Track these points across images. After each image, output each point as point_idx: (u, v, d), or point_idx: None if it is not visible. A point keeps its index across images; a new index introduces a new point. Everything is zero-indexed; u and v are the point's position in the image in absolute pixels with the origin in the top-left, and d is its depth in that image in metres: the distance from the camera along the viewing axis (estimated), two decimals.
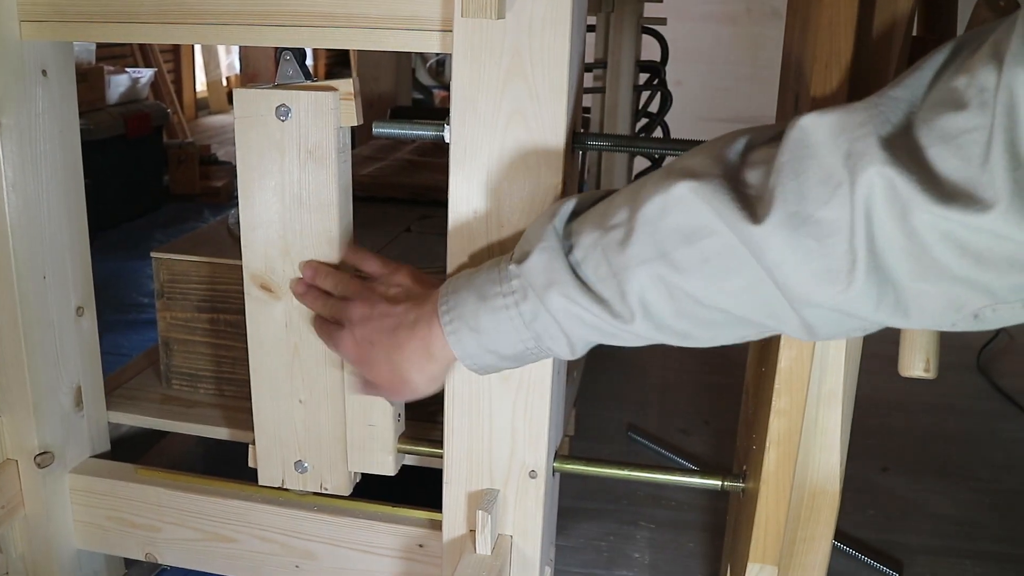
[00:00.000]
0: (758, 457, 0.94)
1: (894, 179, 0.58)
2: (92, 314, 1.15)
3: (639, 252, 0.72)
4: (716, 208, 0.67)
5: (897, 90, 0.63)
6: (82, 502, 1.16)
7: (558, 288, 0.76)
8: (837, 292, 0.63)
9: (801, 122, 0.64)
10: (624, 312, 0.73)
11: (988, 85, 0.55)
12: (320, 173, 0.93)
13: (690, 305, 0.71)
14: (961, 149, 0.56)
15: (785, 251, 0.64)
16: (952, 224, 0.57)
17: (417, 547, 1.08)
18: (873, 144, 0.60)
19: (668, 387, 2.09)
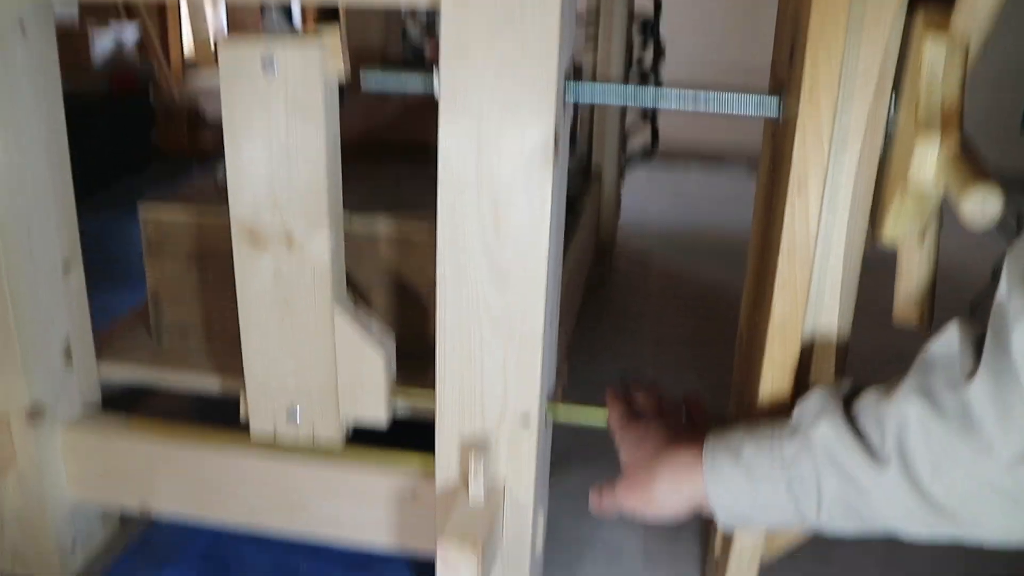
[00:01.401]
0: (752, 406, 0.94)
1: None
2: (79, 269, 1.14)
3: (904, 390, 0.73)
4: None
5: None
6: (75, 456, 1.16)
7: (827, 419, 0.77)
8: None
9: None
10: (882, 455, 0.73)
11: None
12: (307, 126, 0.92)
13: (947, 461, 0.70)
14: None
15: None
16: None
17: (410, 494, 1.08)
18: None
19: (661, 339, 2.09)
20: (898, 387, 0.74)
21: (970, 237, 2.57)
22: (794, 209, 0.83)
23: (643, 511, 0.87)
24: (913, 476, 0.71)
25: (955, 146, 0.74)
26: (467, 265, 0.91)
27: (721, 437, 0.84)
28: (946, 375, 0.71)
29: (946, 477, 0.70)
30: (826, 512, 0.77)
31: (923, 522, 0.73)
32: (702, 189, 3.49)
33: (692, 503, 0.85)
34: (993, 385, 0.65)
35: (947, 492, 0.70)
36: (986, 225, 0.70)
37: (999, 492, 0.68)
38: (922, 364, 0.74)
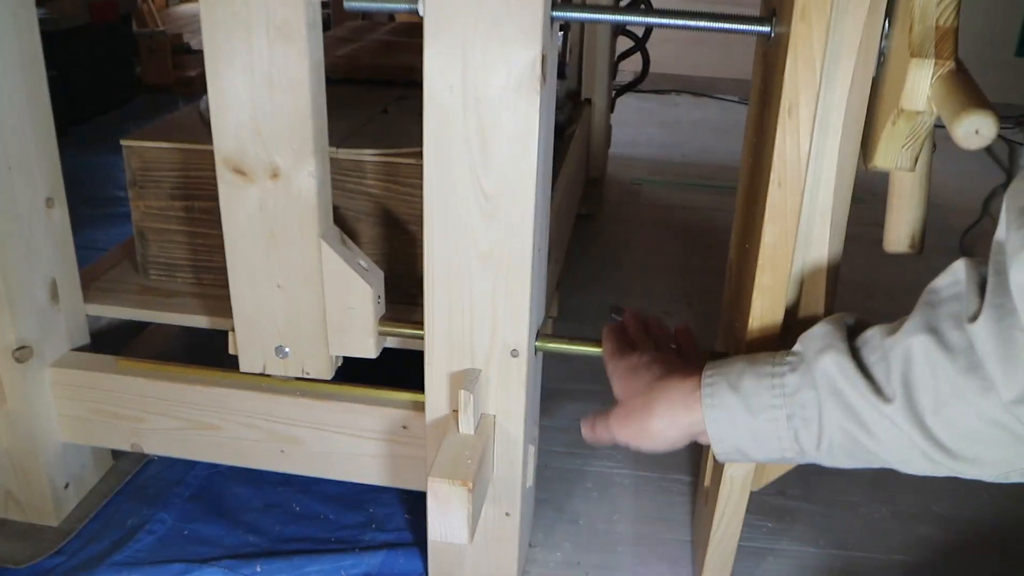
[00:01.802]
0: (741, 334, 0.94)
1: None
2: (63, 206, 1.13)
3: (910, 326, 0.72)
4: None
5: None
6: (64, 396, 1.16)
7: (832, 354, 0.75)
8: None
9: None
10: (887, 391, 0.72)
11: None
12: (290, 51, 0.90)
13: (952, 397, 0.69)
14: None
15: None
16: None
17: (401, 428, 1.08)
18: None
19: (651, 270, 2.09)
20: (904, 323, 0.73)
21: (961, 165, 2.57)
22: (785, 132, 0.82)
23: (638, 443, 0.87)
24: (916, 412, 0.70)
25: (949, 69, 0.73)
26: (454, 195, 0.90)
27: (719, 367, 0.82)
28: (952, 312, 0.70)
29: (949, 414, 0.69)
30: (826, 445, 0.77)
31: (923, 458, 0.72)
32: (693, 119, 3.47)
33: (689, 434, 0.84)
34: (996, 324, 0.64)
35: (949, 429, 0.70)
36: (979, 148, 0.69)
37: (1001, 429, 0.67)
38: (928, 300, 0.73)
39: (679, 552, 1.21)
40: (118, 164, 1.24)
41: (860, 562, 1.21)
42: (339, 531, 1.21)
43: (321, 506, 1.25)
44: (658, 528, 1.25)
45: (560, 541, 1.22)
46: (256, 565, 1.13)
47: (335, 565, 1.14)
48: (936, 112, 0.75)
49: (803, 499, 1.32)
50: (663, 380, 0.86)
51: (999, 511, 1.31)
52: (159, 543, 1.17)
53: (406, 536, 1.20)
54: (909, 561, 1.21)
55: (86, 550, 1.16)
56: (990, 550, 1.25)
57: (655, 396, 0.85)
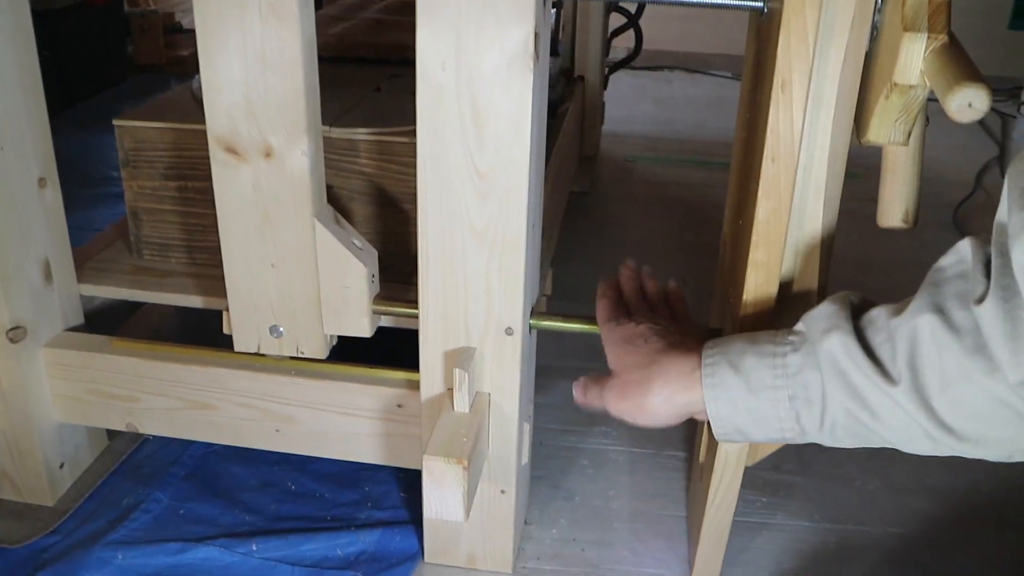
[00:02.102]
0: (735, 310, 0.94)
1: None
2: (56, 186, 1.13)
3: (916, 306, 0.71)
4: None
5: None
6: (59, 376, 1.16)
7: (837, 335, 0.75)
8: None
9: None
10: (893, 372, 0.72)
11: None
12: (282, 29, 0.90)
13: (958, 377, 0.69)
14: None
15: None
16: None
17: (396, 407, 1.08)
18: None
19: (645, 246, 2.09)
20: (909, 303, 0.73)
21: (954, 139, 2.56)
22: (778, 107, 0.82)
23: (632, 418, 0.86)
24: (922, 393, 0.70)
25: (942, 43, 0.73)
26: (448, 173, 0.90)
27: (719, 346, 0.82)
28: (957, 291, 0.70)
29: (955, 394, 0.69)
30: (828, 426, 0.76)
31: (927, 438, 0.72)
32: (686, 95, 3.46)
33: (686, 412, 0.84)
34: (1003, 306, 0.64)
35: (954, 409, 0.70)
36: (972, 121, 0.69)
37: (1007, 408, 0.67)
38: (933, 280, 0.72)
39: (674, 528, 1.22)
40: (111, 144, 1.24)
41: (855, 535, 1.22)
42: (335, 509, 1.21)
43: (317, 485, 1.25)
44: (654, 504, 1.26)
45: (556, 518, 1.23)
46: (252, 544, 1.13)
47: (331, 543, 1.14)
48: (929, 86, 0.75)
49: (798, 473, 1.32)
50: (661, 356, 0.85)
51: (993, 483, 1.32)
52: (155, 522, 1.17)
53: (402, 514, 1.20)
54: (903, 533, 1.22)
55: (81, 529, 1.16)
56: (984, 522, 1.25)
57: (653, 372, 0.85)
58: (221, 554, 1.12)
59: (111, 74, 3.16)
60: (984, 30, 2.73)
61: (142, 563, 1.11)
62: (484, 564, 1.12)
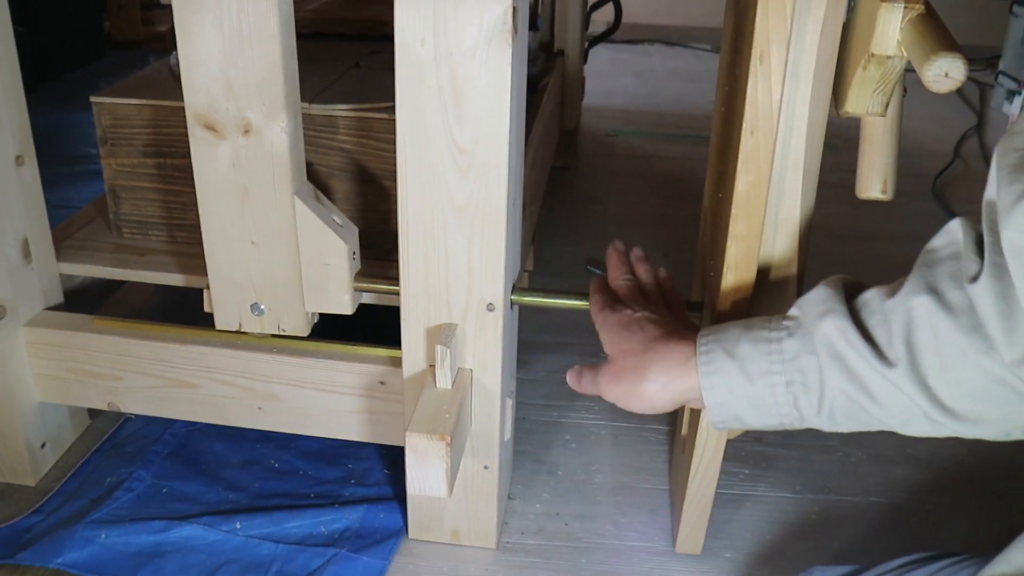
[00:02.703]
0: (716, 283, 0.94)
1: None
2: (33, 163, 1.12)
3: (910, 287, 0.71)
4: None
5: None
6: (39, 355, 1.15)
7: (832, 318, 0.74)
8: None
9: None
10: (889, 354, 0.72)
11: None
12: (260, 4, 0.89)
13: (955, 357, 0.69)
14: None
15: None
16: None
17: (378, 384, 1.08)
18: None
19: (627, 220, 2.09)
20: (903, 284, 0.73)
21: (932, 109, 2.57)
22: (756, 79, 0.82)
23: (627, 403, 0.86)
24: (920, 374, 0.70)
25: (919, 13, 0.73)
26: (428, 149, 0.89)
27: (715, 333, 0.82)
28: (951, 271, 0.69)
29: (952, 374, 0.69)
30: (827, 411, 0.76)
31: (925, 419, 0.72)
32: (666, 68, 3.46)
33: (681, 400, 0.83)
34: (997, 284, 0.64)
35: (952, 389, 0.70)
36: (949, 91, 0.69)
37: (1004, 386, 0.68)
38: (926, 261, 0.72)
39: (658, 500, 1.22)
40: (89, 121, 1.23)
41: (837, 505, 1.22)
42: (318, 486, 1.21)
43: (300, 462, 1.25)
44: (636, 478, 1.27)
45: (539, 493, 1.23)
46: (236, 521, 1.13)
47: (315, 520, 1.14)
48: (906, 56, 0.75)
49: (780, 445, 1.33)
50: (657, 342, 0.85)
51: (974, 452, 1.33)
52: (138, 501, 1.17)
53: (385, 491, 1.21)
54: (886, 503, 1.23)
55: (64, 509, 1.16)
56: (966, 490, 1.26)
57: (649, 358, 0.84)
58: (205, 532, 1.12)
59: (88, 50, 3.14)
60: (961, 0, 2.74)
61: (125, 541, 1.11)
62: (468, 539, 1.13)
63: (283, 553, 1.10)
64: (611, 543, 1.15)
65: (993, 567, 0.69)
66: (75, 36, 3.05)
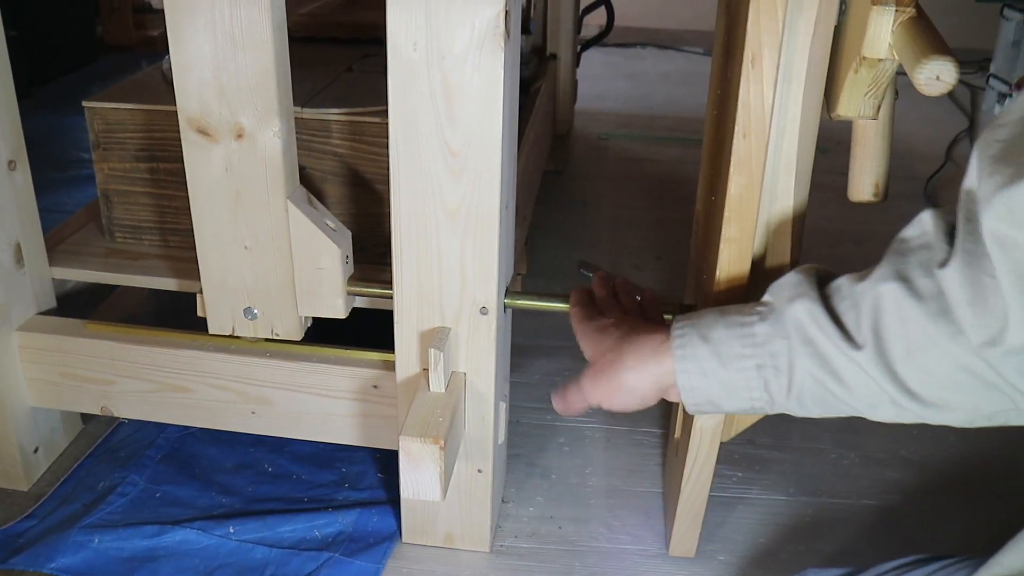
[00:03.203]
0: (708, 286, 0.94)
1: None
2: (25, 168, 1.12)
3: (880, 273, 0.72)
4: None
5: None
6: (32, 359, 1.15)
7: (802, 302, 0.75)
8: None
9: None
10: (857, 337, 0.73)
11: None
12: (252, 8, 0.89)
13: (922, 343, 0.69)
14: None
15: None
16: None
17: (372, 388, 1.08)
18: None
19: (620, 224, 2.09)
20: (874, 271, 0.74)
21: (924, 112, 2.57)
22: (748, 82, 0.82)
23: (610, 399, 0.86)
24: (886, 358, 0.71)
25: (910, 16, 0.73)
26: (420, 153, 0.90)
27: (689, 319, 0.82)
28: (921, 260, 0.70)
29: (919, 360, 0.70)
30: (796, 393, 0.77)
31: (891, 404, 0.73)
32: (659, 71, 3.46)
33: (659, 386, 0.84)
34: (967, 270, 0.64)
35: (919, 375, 0.71)
36: (941, 93, 0.69)
37: (969, 374, 0.68)
38: (897, 250, 0.73)
39: (651, 503, 1.22)
40: (81, 126, 1.23)
41: (830, 507, 1.22)
42: (312, 490, 1.21)
43: (294, 466, 1.25)
44: (630, 481, 1.27)
45: (533, 496, 1.23)
46: (229, 526, 1.13)
47: (308, 524, 1.14)
48: (898, 59, 0.75)
49: (773, 448, 1.33)
50: (632, 334, 0.86)
51: (965, 454, 1.33)
52: (131, 505, 1.17)
53: (379, 494, 1.21)
54: (879, 505, 1.23)
55: (57, 513, 1.15)
56: (959, 491, 1.26)
57: (625, 349, 0.85)
58: (198, 536, 1.12)
59: (80, 54, 3.13)
60: (952, 2, 2.74)
61: (119, 546, 1.10)
62: (462, 543, 1.13)
63: (276, 557, 1.10)
64: (604, 546, 1.15)
65: (987, 569, 0.69)
66: (67, 40, 3.05)
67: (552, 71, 2.15)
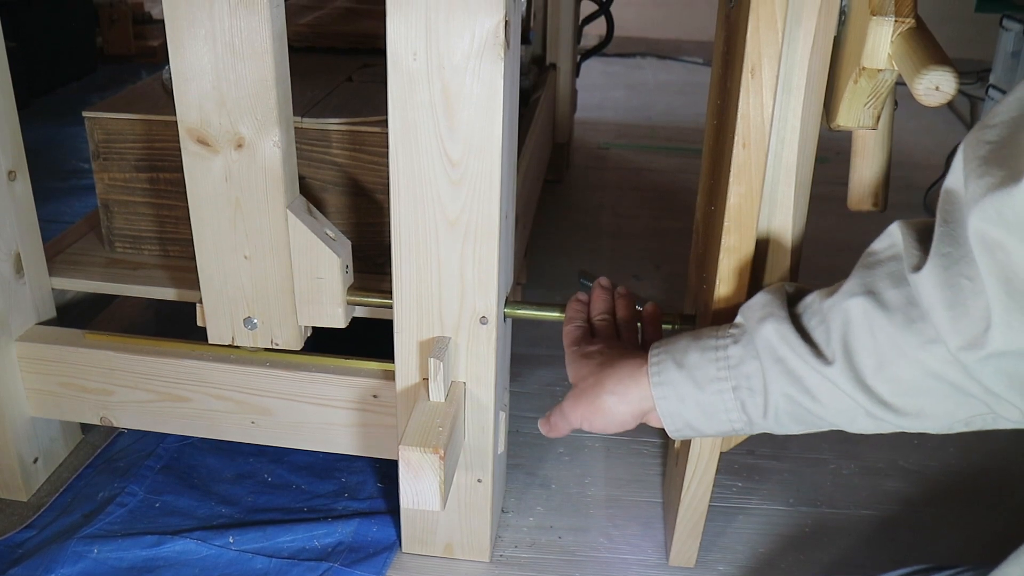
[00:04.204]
0: (708, 295, 0.94)
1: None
2: (25, 178, 1.12)
3: (848, 288, 0.73)
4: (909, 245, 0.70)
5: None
6: (32, 369, 1.15)
7: (772, 322, 0.77)
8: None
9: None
10: (827, 353, 0.73)
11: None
12: (252, 19, 0.89)
13: (892, 354, 0.70)
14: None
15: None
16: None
17: (371, 397, 1.08)
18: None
19: (620, 234, 2.09)
20: (842, 285, 0.75)
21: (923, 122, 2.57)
22: (748, 93, 0.82)
23: (591, 422, 0.87)
24: (857, 372, 0.72)
25: (909, 26, 0.74)
26: (420, 162, 0.90)
27: (665, 345, 0.84)
28: (889, 272, 0.71)
29: (890, 371, 0.71)
30: (772, 413, 0.78)
31: (867, 417, 0.74)
32: (658, 81, 3.46)
33: (639, 411, 0.85)
34: (943, 273, 0.65)
35: (891, 386, 0.71)
36: (940, 104, 0.69)
37: (942, 381, 0.69)
38: (865, 263, 0.74)
39: (651, 513, 1.22)
40: (81, 136, 1.23)
41: (830, 517, 1.22)
42: (311, 500, 1.21)
43: (293, 476, 1.25)
44: (629, 490, 1.26)
45: (533, 506, 1.23)
46: (229, 536, 1.13)
47: (308, 534, 1.14)
48: (897, 69, 0.75)
49: (772, 458, 1.33)
50: (613, 360, 0.88)
51: (964, 465, 1.33)
52: (130, 515, 1.17)
53: (379, 504, 1.20)
54: (878, 515, 1.23)
55: (57, 524, 1.15)
56: (958, 501, 1.26)
57: (606, 374, 0.87)
58: (198, 546, 1.12)
59: (80, 65, 3.14)
60: (951, 13, 2.75)
61: (118, 556, 1.10)
62: (461, 553, 1.13)
63: (276, 567, 1.10)
64: (604, 556, 1.15)
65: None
66: (67, 51, 3.05)
67: (552, 81, 2.15)
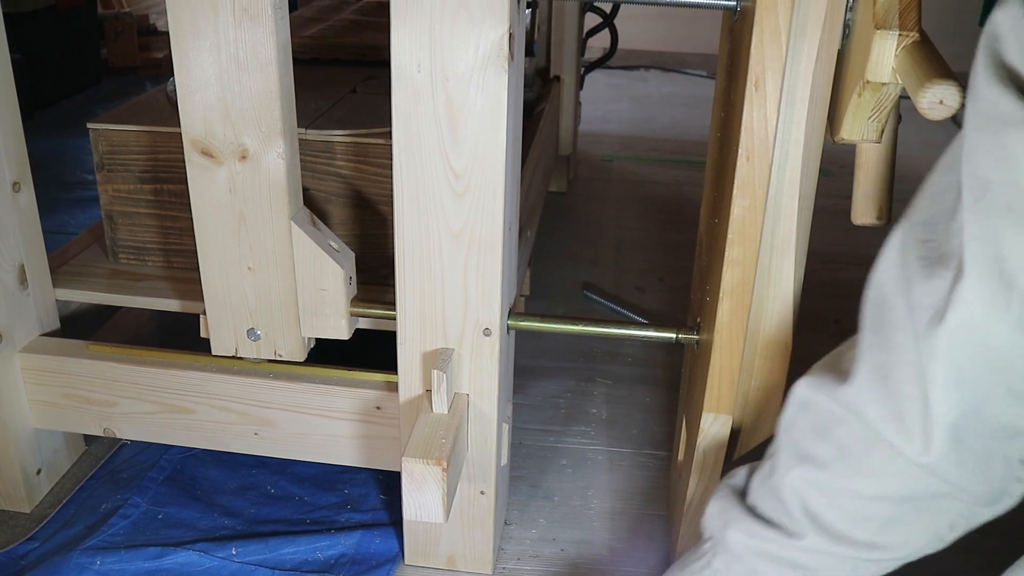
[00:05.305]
0: (711, 308, 0.94)
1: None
2: (30, 190, 1.12)
3: (784, 462, 0.76)
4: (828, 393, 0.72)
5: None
6: (35, 381, 1.15)
7: (734, 525, 0.80)
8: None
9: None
10: (796, 528, 0.75)
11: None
12: (256, 31, 0.90)
13: (851, 502, 0.72)
14: None
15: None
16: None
17: (375, 409, 1.08)
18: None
19: (623, 246, 2.09)
20: (774, 459, 0.78)
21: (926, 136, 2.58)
22: (752, 106, 0.82)
23: None
24: (832, 532, 0.74)
25: (913, 40, 0.74)
26: (424, 174, 0.90)
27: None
28: (805, 432, 0.74)
29: (859, 516, 0.72)
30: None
31: (866, 562, 0.75)
32: (662, 94, 3.47)
33: None
34: (882, 387, 0.67)
35: (869, 528, 0.73)
36: (944, 118, 0.70)
37: (908, 501, 0.70)
38: (781, 435, 0.78)
39: (654, 526, 1.22)
40: (86, 147, 1.23)
41: None
42: (314, 512, 1.21)
43: (296, 487, 1.25)
44: (633, 503, 1.26)
45: (535, 518, 1.23)
46: (231, 548, 1.13)
47: (311, 546, 1.14)
48: (901, 83, 0.75)
49: None
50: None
51: None
52: (133, 527, 1.17)
53: (381, 516, 1.20)
54: None
55: (60, 535, 1.15)
56: None
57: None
58: (200, 558, 1.11)
59: (85, 77, 3.15)
60: (955, 27, 2.75)
61: (120, 568, 1.10)
62: (464, 565, 1.12)
63: None
64: (607, 569, 1.15)
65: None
66: (72, 62, 3.06)
67: (556, 93, 2.15)
